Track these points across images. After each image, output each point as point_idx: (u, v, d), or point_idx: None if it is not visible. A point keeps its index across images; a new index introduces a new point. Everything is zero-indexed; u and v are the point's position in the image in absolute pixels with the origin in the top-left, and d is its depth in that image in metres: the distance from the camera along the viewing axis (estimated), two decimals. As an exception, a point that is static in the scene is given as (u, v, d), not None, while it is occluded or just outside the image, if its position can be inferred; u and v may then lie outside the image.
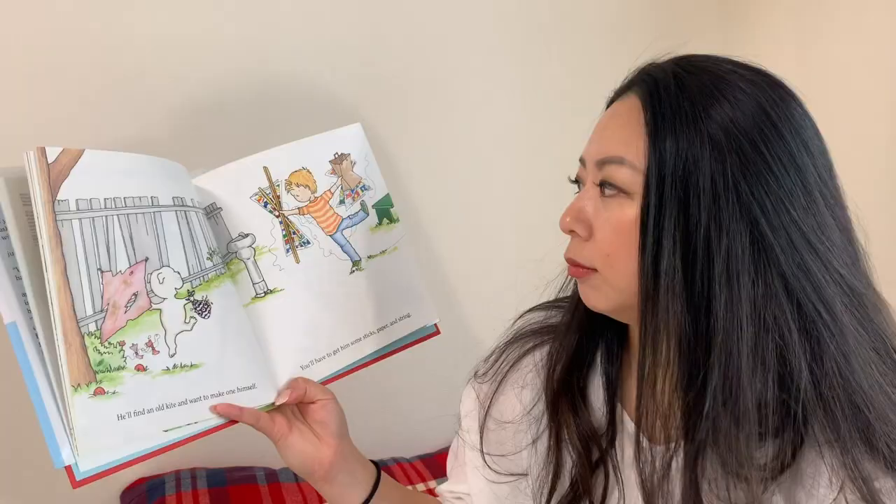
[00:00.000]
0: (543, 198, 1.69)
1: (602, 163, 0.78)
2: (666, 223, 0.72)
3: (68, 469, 0.77)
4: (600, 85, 0.86)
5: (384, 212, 1.02)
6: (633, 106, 0.77)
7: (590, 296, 0.81)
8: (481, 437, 0.94)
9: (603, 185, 0.77)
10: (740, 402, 0.71)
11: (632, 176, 0.75)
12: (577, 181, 0.84)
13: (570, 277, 0.89)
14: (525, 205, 1.73)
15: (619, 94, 0.82)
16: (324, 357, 0.96)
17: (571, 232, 0.80)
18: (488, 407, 0.95)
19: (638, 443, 0.80)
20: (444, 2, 1.61)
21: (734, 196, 0.71)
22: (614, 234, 0.76)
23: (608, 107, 0.83)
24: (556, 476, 0.87)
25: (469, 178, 1.68)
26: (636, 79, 0.80)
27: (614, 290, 0.78)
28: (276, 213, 0.95)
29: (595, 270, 0.78)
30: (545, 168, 1.68)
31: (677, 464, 0.77)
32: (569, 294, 0.92)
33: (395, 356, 1.03)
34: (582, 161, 0.82)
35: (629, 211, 0.75)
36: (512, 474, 0.92)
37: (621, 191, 0.76)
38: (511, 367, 0.95)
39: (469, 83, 1.65)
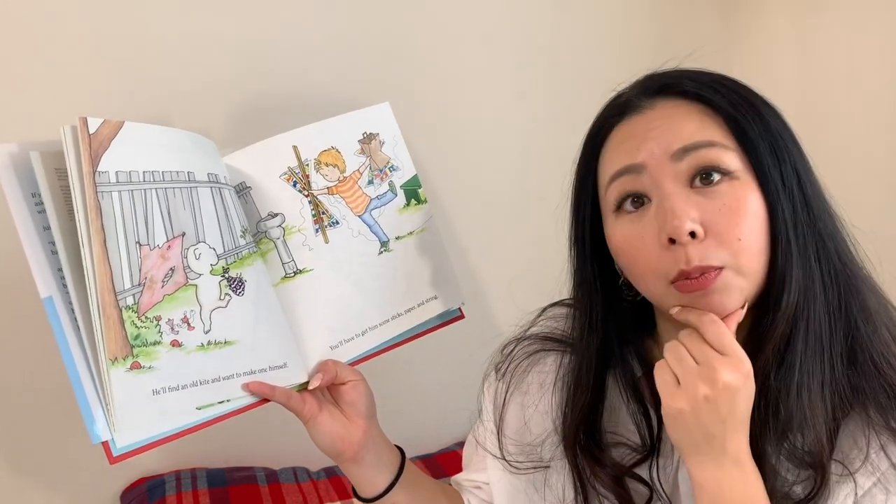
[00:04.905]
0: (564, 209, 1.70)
1: (686, 151, 0.74)
2: (786, 190, 0.74)
3: (105, 445, 0.76)
4: (612, 90, 0.86)
5: (412, 192, 1.02)
6: (682, 103, 0.77)
7: (724, 301, 0.74)
8: (499, 437, 0.94)
9: (701, 174, 0.74)
10: (817, 365, 0.74)
11: (731, 156, 0.74)
12: (629, 200, 0.78)
13: None
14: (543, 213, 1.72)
15: (642, 105, 0.79)
16: (353, 337, 0.96)
17: (690, 235, 0.72)
18: (502, 410, 0.95)
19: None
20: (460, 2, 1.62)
21: (793, 160, 0.76)
22: (741, 217, 0.73)
23: (621, 121, 0.80)
24: None
25: (489, 182, 1.68)
26: (666, 84, 0.79)
27: (747, 280, 0.74)
28: (306, 193, 0.95)
29: (722, 269, 0.73)
30: (569, 172, 1.68)
31: None
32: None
33: (398, 353, 1.01)
34: (636, 168, 0.76)
35: (743, 190, 0.74)
36: (532, 464, 0.91)
37: (726, 172, 0.74)
38: (521, 373, 0.95)
39: (479, 84, 1.66)
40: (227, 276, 0.85)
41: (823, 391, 0.74)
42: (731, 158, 0.74)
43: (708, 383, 0.71)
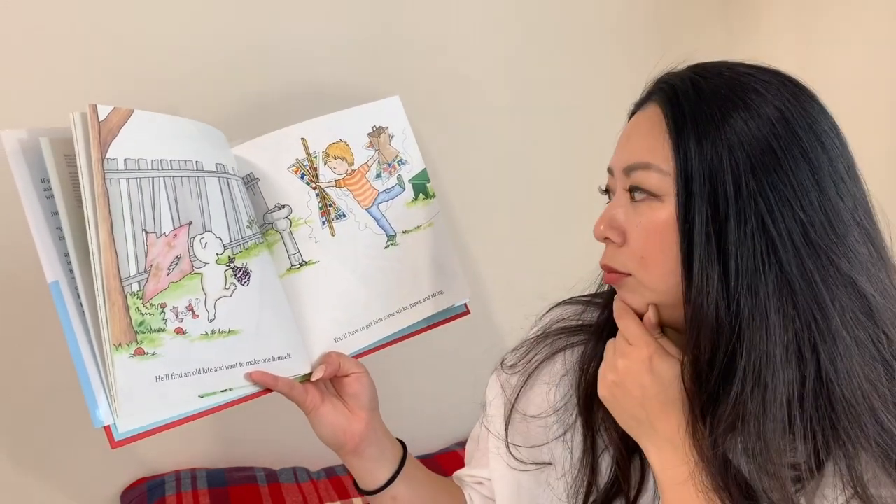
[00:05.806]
0: (570, 205, 1.70)
1: (629, 169, 0.79)
2: (697, 219, 0.74)
3: (107, 430, 0.76)
4: (616, 89, 0.87)
5: (420, 187, 1.02)
6: (654, 114, 0.79)
7: (628, 298, 0.81)
8: (506, 428, 0.94)
9: (632, 190, 0.79)
10: (769, 388, 0.72)
11: (660, 179, 0.76)
12: (607, 190, 0.85)
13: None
14: (552, 209, 1.74)
15: (640, 105, 0.83)
16: (357, 330, 0.96)
17: (606, 239, 0.81)
18: (514, 401, 0.94)
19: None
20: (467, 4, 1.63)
21: (746, 194, 0.72)
22: (648, 237, 0.77)
23: (630, 117, 0.84)
24: (592, 479, 0.87)
25: (495, 180, 1.68)
26: (654, 88, 0.82)
27: (650, 291, 0.79)
28: (313, 185, 0.95)
29: (629, 275, 0.79)
30: (575, 170, 1.68)
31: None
32: (604, 290, 0.93)
33: (399, 350, 1.02)
34: (610, 171, 0.83)
35: (661, 213, 0.76)
36: (536, 463, 0.91)
37: (650, 194, 0.77)
38: (540, 364, 0.95)
39: (484, 85, 1.67)
40: (232, 265, 0.86)
41: (785, 433, 0.73)
42: (659, 181, 0.76)
43: (612, 370, 0.80)
